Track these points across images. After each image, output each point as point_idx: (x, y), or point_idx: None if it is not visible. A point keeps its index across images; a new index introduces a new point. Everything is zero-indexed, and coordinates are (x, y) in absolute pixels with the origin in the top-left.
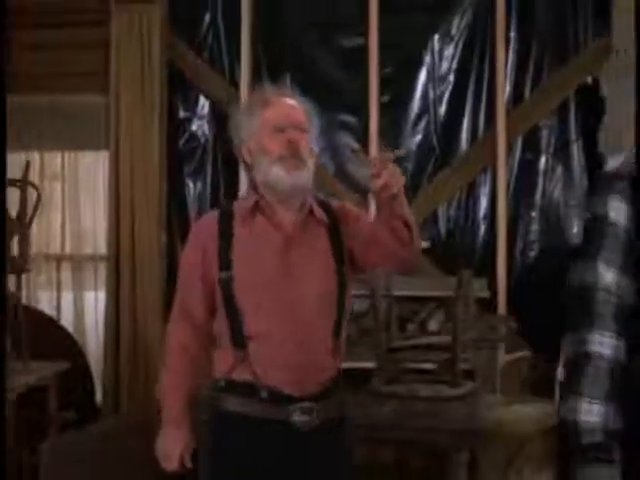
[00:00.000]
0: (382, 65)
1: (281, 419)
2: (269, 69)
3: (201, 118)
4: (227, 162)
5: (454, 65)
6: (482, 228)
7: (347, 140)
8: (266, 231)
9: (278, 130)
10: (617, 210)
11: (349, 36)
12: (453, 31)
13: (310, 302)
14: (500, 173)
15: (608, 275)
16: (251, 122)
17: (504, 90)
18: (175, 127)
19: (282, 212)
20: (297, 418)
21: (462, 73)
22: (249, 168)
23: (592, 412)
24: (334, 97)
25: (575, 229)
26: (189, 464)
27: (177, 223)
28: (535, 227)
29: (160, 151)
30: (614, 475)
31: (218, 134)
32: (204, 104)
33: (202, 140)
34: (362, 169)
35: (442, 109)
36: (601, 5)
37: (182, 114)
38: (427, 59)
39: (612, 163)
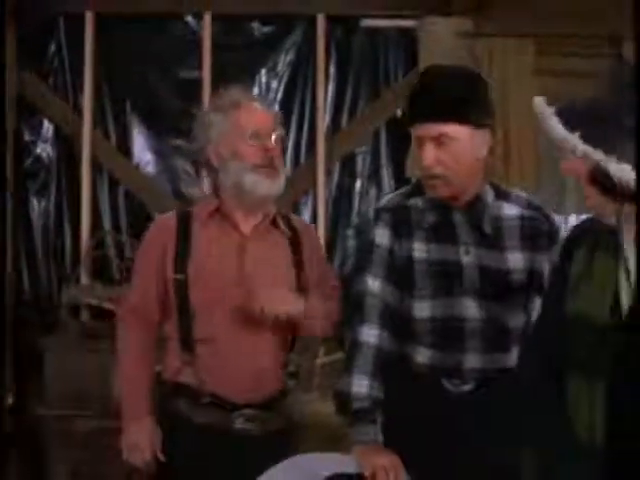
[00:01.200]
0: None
1: (223, 425)
2: (110, 95)
3: (45, 141)
4: (70, 182)
5: (279, 97)
6: None
7: (182, 163)
8: (225, 236)
9: (254, 136)
10: (381, 236)
11: (185, 69)
12: (278, 67)
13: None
14: (320, 195)
15: (375, 284)
16: (221, 123)
17: (324, 120)
18: (21, 149)
19: (243, 219)
20: (239, 426)
21: (286, 105)
22: (212, 170)
23: (361, 385)
24: (171, 124)
25: None
26: (161, 456)
27: (22, 240)
28: (352, 244)
29: (6, 172)
30: (377, 431)
31: (61, 156)
32: (48, 128)
33: (46, 161)
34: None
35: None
36: (409, 45)
37: (27, 137)
38: (255, 91)
39: (384, 198)
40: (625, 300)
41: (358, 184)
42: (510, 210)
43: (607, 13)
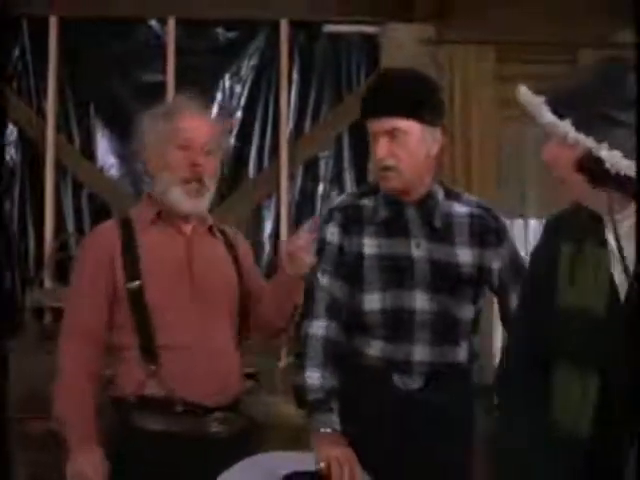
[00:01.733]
0: None
1: (198, 431)
2: (74, 99)
3: (9, 144)
4: (33, 185)
5: (242, 102)
6: (267, 246)
7: None
8: (170, 239)
9: (185, 147)
10: (332, 234)
11: (149, 73)
12: (242, 72)
13: (218, 311)
14: (283, 198)
15: (323, 279)
16: (156, 131)
17: (287, 125)
18: None
19: (183, 224)
20: (214, 429)
21: (250, 109)
22: (149, 175)
23: (313, 377)
24: (134, 127)
25: None
26: None
27: None
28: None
29: None
30: (333, 420)
31: (25, 159)
32: (12, 131)
33: (10, 165)
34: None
35: (232, 141)
36: (371, 50)
37: None
38: (218, 96)
39: (338, 198)
40: (621, 289)
41: (321, 188)
42: (460, 208)
43: (565, 21)
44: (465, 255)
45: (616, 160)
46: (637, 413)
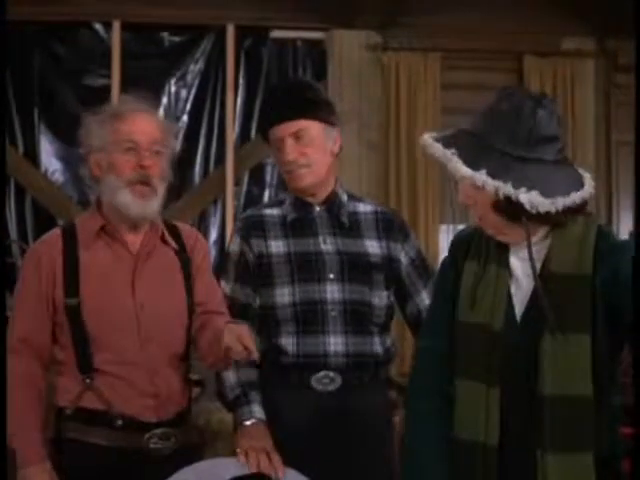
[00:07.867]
0: None
1: (137, 447)
2: (17, 105)
3: None
4: None
5: (188, 107)
6: (213, 252)
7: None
8: (114, 255)
9: (131, 149)
10: (234, 244)
11: (95, 77)
12: (188, 76)
13: (161, 326)
14: (229, 204)
15: (227, 287)
16: (102, 133)
17: (233, 130)
18: None
19: (130, 235)
20: (153, 445)
21: (195, 114)
22: (95, 180)
23: (228, 377)
24: (79, 131)
25: None
26: None
27: None
28: None
29: None
30: (254, 408)
31: None
32: None
33: None
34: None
35: (177, 146)
36: (318, 56)
37: None
38: (164, 100)
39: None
40: (518, 308)
41: (266, 194)
42: (365, 207)
43: (511, 29)
44: (373, 247)
45: (535, 201)
46: (537, 422)
